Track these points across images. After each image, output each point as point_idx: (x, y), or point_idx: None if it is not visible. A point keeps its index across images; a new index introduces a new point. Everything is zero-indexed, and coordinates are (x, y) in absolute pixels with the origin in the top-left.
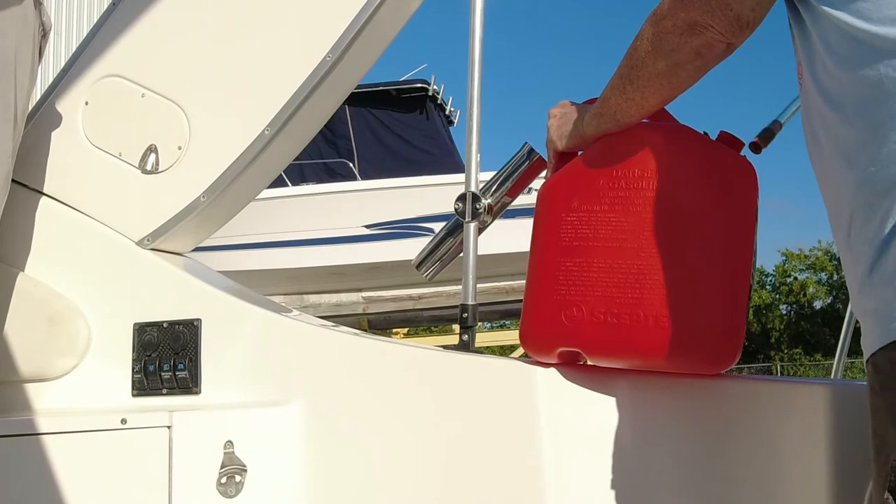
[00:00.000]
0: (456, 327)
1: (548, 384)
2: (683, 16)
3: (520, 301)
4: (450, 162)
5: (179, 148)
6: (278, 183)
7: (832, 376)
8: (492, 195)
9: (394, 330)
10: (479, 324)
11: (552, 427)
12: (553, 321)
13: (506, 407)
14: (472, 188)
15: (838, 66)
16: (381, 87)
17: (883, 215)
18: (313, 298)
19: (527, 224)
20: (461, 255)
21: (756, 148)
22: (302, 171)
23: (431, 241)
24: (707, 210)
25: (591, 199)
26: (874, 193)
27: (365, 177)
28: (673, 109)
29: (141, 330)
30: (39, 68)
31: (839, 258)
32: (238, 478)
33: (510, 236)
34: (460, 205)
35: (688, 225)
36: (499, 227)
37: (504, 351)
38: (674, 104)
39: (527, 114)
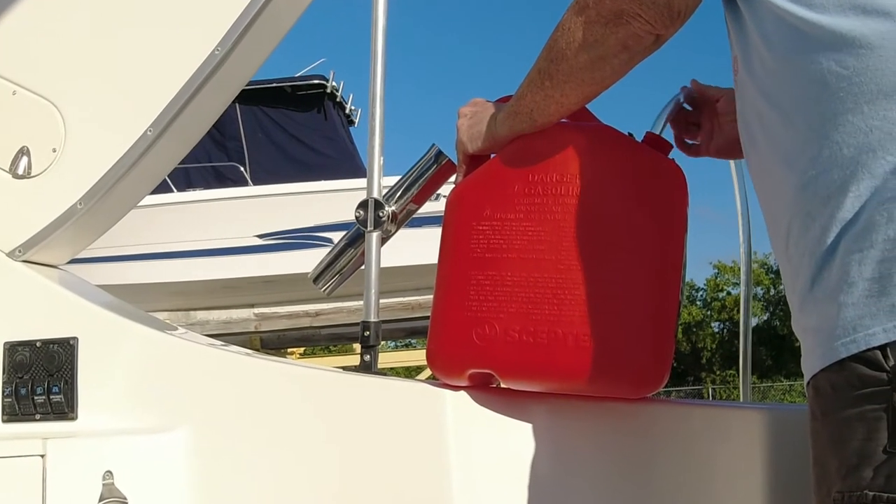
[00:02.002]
0: (357, 347)
1: (457, 409)
2: (609, 4)
3: (427, 318)
4: (350, 165)
5: (54, 150)
6: (162, 188)
7: (740, 399)
8: (396, 202)
9: (289, 350)
10: (383, 343)
11: (462, 456)
12: (463, 340)
13: (411, 434)
14: (375, 194)
15: (777, 59)
16: (274, 84)
17: (823, 224)
18: (201, 315)
19: (434, 234)
20: (362, 267)
21: None
22: (188, 175)
23: (330, 252)
24: (632, 218)
25: (504, 206)
26: (814, 200)
27: (257, 182)
28: (595, 108)
29: (12, 349)
30: None
31: (777, 271)
32: None
33: (416, 247)
34: (361, 212)
35: (611, 234)
36: (404, 236)
37: (410, 373)
38: (596, 102)
39: (435, 112)
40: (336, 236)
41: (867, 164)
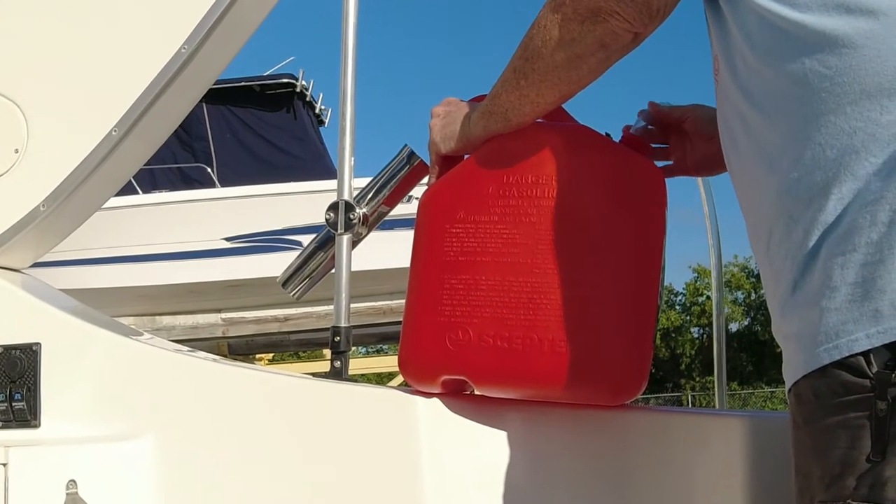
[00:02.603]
0: (327, 352)
1: (430, 416)
2: (586, 1)
3: (399, 323)
4: (320, 167)
5: (16, 151)
6: (127, 190)
7: (716, 406)
8: (367, 204)
9: (257, 355)
10: (354, 348)
11: (435, 464)
12: (436, 346)
13: (383, 441)
14: (346, 196)
15: (759, 59)
16: (243, 83)
17: (806, 227)
18: (167, 320)
19: (407, 236)
20: (333, 271)
21: None
22: (154, 176)
23: (299, 255)
24: (610, 221)
25: (478, 208)
26: (797, 202)
27: (225, 183)
28: (571, 107)
29: None
30: None
31: (757, 275)
32: None
33: (388, 250)
34: (332, 215)
35: (588, 237)
36: (375, 239)
37: (381, 379)
38: (573, 101)
39: (407, 112)
40: (306, 239)
41: (850, 165)
